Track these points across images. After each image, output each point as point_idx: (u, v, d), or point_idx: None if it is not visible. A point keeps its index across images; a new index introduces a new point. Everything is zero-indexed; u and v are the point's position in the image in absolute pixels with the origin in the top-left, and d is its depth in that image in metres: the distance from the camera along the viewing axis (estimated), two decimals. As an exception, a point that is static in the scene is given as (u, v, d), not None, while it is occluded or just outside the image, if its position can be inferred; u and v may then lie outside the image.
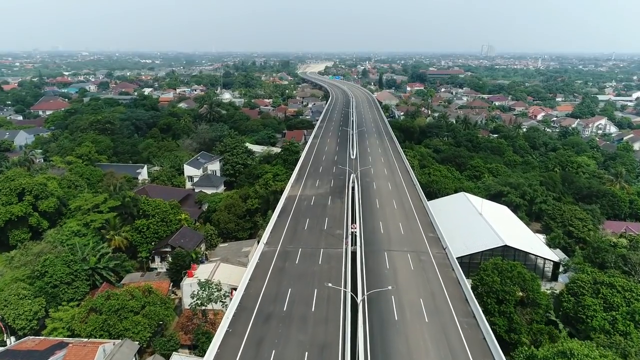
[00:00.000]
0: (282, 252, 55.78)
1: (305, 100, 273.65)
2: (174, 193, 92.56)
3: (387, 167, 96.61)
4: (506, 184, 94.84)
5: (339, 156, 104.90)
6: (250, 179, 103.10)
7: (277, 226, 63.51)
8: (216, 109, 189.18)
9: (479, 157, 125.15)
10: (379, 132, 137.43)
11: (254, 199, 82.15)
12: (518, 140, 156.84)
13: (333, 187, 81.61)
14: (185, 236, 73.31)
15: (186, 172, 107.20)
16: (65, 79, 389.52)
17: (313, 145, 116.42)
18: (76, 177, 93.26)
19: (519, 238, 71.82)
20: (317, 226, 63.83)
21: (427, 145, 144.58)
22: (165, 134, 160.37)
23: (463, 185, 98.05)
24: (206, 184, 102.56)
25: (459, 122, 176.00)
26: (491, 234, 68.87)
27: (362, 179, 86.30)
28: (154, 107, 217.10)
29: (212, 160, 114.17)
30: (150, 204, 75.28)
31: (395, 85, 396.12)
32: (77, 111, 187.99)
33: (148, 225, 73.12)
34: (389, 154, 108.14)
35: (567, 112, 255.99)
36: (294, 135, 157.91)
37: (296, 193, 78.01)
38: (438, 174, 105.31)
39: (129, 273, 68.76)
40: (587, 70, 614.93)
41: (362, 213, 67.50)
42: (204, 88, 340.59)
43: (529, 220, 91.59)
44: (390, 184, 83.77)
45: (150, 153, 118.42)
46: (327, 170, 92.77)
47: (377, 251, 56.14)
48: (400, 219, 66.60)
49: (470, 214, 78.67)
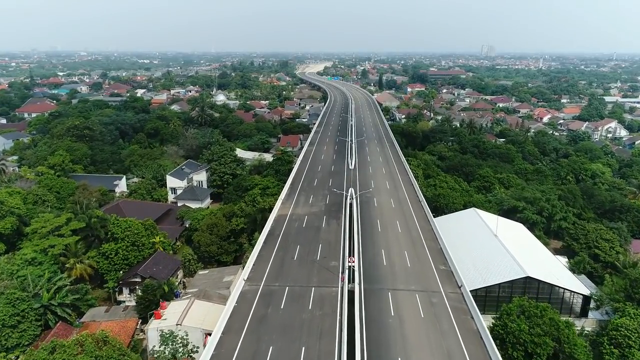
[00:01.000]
0: (265, 292, 46.55)
1: (302, 102, 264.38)
2: (152, 209, 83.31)
3: (389, 179, 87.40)
4: (521, 199, 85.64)
5: (337, 166, 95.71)
6: (239, 192, 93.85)
7: (262, 256, 54.29)
8: (208, 112, 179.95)
9: (488, 166, 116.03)
10: (379, 138, 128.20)
11: (239, 217, 72.86)
12: (527, 146, 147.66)
13: (329, 204, 72.42)
14: (158, 263, 64.05)
15: (169, 183, 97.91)
16: (57, 80, 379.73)
17: (308, 153, 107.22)
18: (44, 191, 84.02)
19: (542, 266, 62.61)
20: (308, 255, 54.63)
21: (431, 152, 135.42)
22: (152, 139, 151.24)
23: (473, 199, 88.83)
24: (190, 197, 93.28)
25: (464, 126, 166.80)
26: (510, 263, 59.67)
27: (361, 194, 77.08)
28: (144, 109, 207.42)
29: (199, 170, 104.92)
30: (120, 225, 66.02)
31: (396, 86, 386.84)
32: (62, 114, 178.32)
33: (116, 250, 63.91)
34: (391, 164, 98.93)
35: (574, 114, 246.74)
36: (289, 140, 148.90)
37: (287, 212, 68.80)
38: (444, 185, 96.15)
39: (93, 307, 59.56)
40: (589, 71, 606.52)
41: (362, 238, 58.30)
42: (199, 89, 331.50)
43: (547, 239, 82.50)
44: (393, 200, 74.55)
45: (132, 162, 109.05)
46: (322, 184, 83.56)
47: (380, 291, 46.91)
48: (406, 246, 57.40)
49: (484, 235, 69.50)
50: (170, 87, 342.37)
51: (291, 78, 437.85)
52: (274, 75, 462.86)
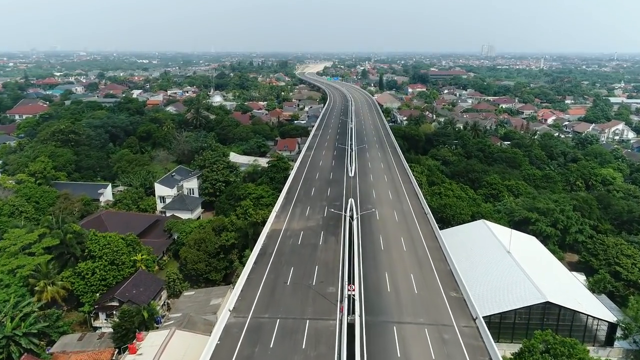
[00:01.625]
0: (253, 326, 40.84)
1: (301, 103, 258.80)
2: (137, 221, 77.62)
3: (392, 188, 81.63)
4: (533, 209, 79.89)
5: (336, 173, 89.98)
6: (232, 201, 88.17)
7: (252, 280, 48.58)
8: (203, 114, 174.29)
9: (495, 172, 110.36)
10: (380, 142, 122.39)
11: (229, 232, 67.12)
12: (534, 150, 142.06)
13: (327, 217, 66.63)
14: (139, 284, 58.33)
15: (157, 191, 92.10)
16: (52, 80, 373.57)
17: (306, 158, 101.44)
18: (22, 201, 78.32)
19: (561, 288, 57.00)
20: (303, 279, 48.91)
21: (434, 156, 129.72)
22: (145, 142, 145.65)
23: (481, 210, 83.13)
24: (179, 207, 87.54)
25: (468, 128, 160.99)
26: (527, 285, 53.99)
27: (363, 205, 71.45)
28: (139, 110, 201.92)
29: (190, 176, 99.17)
30: (98, 242, 60.33)
31: (396, 86, 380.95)
32: (52, 116, 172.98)
33: (93, 269, 58.23)
34: (394, 171, 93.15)
35: (579, 115, 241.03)
36: (287, 144, 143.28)
37: (281, 226, 63.06)
38: (450, 194, 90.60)
39: (65, 334, 53.85)
40: (591, 71, 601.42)
41: (363, 259, 52.63)
42: (196, 89, 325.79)
43: (561, 252, 76.81)
44: (396, 213, 68.77)
45: (119, 168, 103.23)
46: (320, 194, 77.83)
47: (384, 325, 41.20)
48: (412, 268, 51.66)
49: (496, 252, 63.84)
50: (167, 87, 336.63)
51: (290, 78, 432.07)
52: (273, 75, 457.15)
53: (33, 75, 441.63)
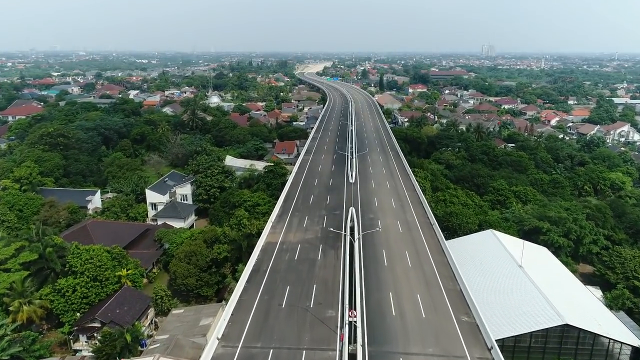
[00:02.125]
0: (243, 358, 36.70)
1: (300, 104, 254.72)
2: (125, 231, 73.43)
3: (395, 195, 77.44)
4: (544, 218, 75.68)
5: (335, 179, 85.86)
6: (226, 208, 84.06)
7: (243, 302, 44.42)
8: (200, 116, 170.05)
9: (501, 176, 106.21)
10: (382, 146, 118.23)
11: (222, 244, 62.93)
12: (539, 153, 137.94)
13: (326, 227, 62.46)
14: (124, 303, 54.16)
15: (148, 198, 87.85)
16: (49, 81, 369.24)
17: (305, 162, 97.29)
18: (4, 210, 74.16)
19: (579, 308, 52.88)
20: (300, 301, 44.76)
21: (437, 160, 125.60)
22: (139, 145, 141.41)
23: (488, 218, 78.97)
24: (171, 214, 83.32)
25: (471, 130, 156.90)
26: (542, 305, 49.84)
27: (364, 215, 67.41)
28: (135, 112, 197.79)
29: (184, 182, 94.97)
30: (80, 256, 56.15)
31: (397, 86, 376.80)
32: (45, 118, 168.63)
33: (74, 286, 54.05)
34: (396, 176, 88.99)
35: (583, 116, 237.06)
36: (285, 147, 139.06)
37: (277, 239, 58.93)
38: (455, 200, 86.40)
39: (42, 359, 49.68)
40: (592, 71, 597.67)
41: (365, 277, 48.50)
42: (194, 90, 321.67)
43: (574, 264, 72.67)
44: (400, 224, 64.60)
45: (110, 173, 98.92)
46: (319, 201, 73.69)
47: (388, 356, 37.05)
48: (419, 287, 47.48)
49: (507, 266, 59.69)
50: (165, 88, 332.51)
51: (290, 78, 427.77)
52: (272, 75, 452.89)
53: (30, 75, 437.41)
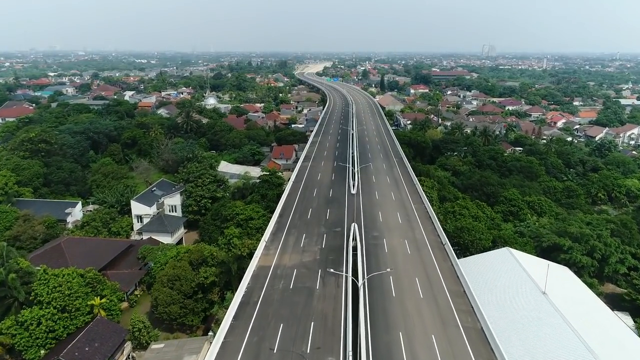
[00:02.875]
0: None
1: (300, 105, 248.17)
2: (105, 249, 66.83)
3: (401, 208, 70.88)
4: (564, 234, 69.18)
5: (336, 189, 79.35)
6: (218, 221, 77.59)
7: (228, 345, 37.92)
8: (195, 118, 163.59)
9: (512, 184, 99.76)
10: (385, 152, 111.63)
11: (210, 266, 56.43)
12: (550, 158, 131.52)
13: (325, 249, 56.00)
14: (95, 338, 47.61)
15: (134, 210, 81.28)
16: (44, 81, 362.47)
17: (303, 170, 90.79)
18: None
19: (613, 344, 46.33)
20: (295, 344, 38.25)
21: (443, 166, 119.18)
22: (129, 150, 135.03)
23: (502, 234, 72.36)
24: (158, 228, 76.75)
25: (477, 134, 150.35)
26: (574, 343, 43.32)
27: (368, 232, 61.00)
28: (129, 113, 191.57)
29: (173, 191, 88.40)
30: (48, 283, 49.66)
31: (398, 87, 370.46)
32: (33, 120, 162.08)
33: (39, 319, 47.56)
34: (401, 186, 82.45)
35: (590, 118, 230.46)
36: (283, 152, 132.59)
37: (270, 262, 52.42)
38: (465, 212, 79.86)
39: (-1, 404, 43.27)
40: (595, 71, 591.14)
41: (370, 312, 42.00)
42: (191, 91, 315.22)
43: (599, 286, 66.13)
44: (408, 243, 58.07)
45: (94, 182, 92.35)
46: (318, 215, 67.19)
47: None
48: (433, 326, 40.95)
49: (529, 294, 53.07)
50: (162, 88, 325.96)
51: (289, 79, 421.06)
52: (272, 76, 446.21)
53: (27, 75, 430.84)
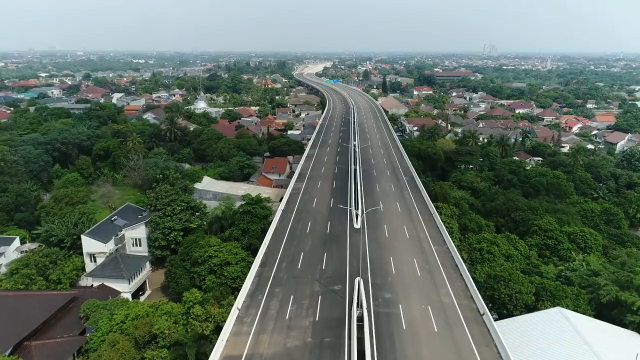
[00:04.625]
0: None
1: (297, 109, 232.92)
2: (35, 307, 51.31)
3: (418, 251, 55.46)
4: (629, 286, 53.81)
5: (335, 223, 63.88)
6: (187, 263, 62.16)
7: None
8: (180, 126, 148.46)
9: (543, 208, 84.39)
10: (393, 169, 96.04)
11: (160, 348, 41.03)
12: (577, 171, 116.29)
13: (319, 324, 40.61)
14: None
15: (85, 247, 65.74)
16: (30, 82, 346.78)
17: (295, 195, 75.31)
18: None
19: None
20: None
21: (459, 182, 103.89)
22: (102, 162, 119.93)
23: (546, 283, 56.88)
24: (112, 273, 61.22)
25: (494, 143, 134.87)
26: None
27: (377, 291, 45.84)
28: (112, 118, 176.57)
29: (139, 221, 73.01)
30: None
31: (400, 88, 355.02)
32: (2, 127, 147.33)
33: None
34: (415, 218, 66.93)
35: (608, 123, 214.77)
36: (276, 165, 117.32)
37: (242, 349, 36.99)
38: (495, 250, 64.53)
39: None
40: (601, 71, 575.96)
41: None
42: (184, 93, 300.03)
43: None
44: (432, 312, 42.63)
45: (43, 209, 76.87)
46: (312, 264, 51.82)
47: None
48: None
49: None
50: (154, 90, 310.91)
51: (288, 80, 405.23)
52: (270, 76, 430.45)
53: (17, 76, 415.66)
